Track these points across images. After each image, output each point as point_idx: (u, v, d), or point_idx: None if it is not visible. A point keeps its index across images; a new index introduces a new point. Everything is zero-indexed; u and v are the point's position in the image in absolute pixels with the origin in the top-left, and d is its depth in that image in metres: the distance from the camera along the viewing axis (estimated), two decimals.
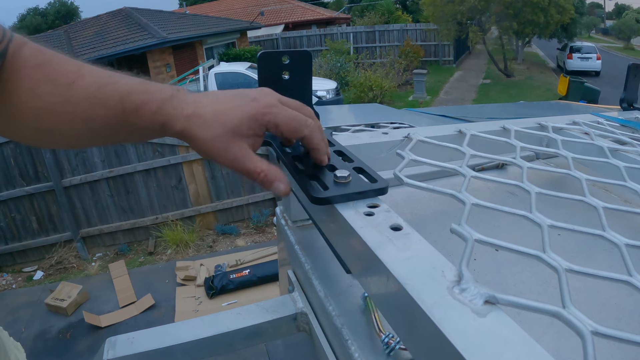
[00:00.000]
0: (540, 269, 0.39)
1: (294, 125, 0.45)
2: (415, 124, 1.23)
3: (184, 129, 0.43)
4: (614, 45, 34.43)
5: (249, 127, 0.44)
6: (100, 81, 0.44)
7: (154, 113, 0.43)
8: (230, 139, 0.43)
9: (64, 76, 0.43)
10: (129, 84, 0.44)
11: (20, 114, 0.43)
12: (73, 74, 0.44)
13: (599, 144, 0.67)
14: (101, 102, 0.43)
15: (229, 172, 5.40)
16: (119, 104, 0.43)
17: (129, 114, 0.43)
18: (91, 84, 0.44)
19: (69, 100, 0.43)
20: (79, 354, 3.65)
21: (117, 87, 0.44)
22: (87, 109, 0.43)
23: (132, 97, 0.43)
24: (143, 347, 0.51)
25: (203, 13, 18.69)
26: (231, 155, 0.43)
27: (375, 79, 10.96)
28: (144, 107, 0.43)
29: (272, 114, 0.44)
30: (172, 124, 0.43)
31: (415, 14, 24.35)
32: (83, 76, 0.44)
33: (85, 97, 0.43)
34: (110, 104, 0.43)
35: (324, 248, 0.53)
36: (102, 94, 0.43)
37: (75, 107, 0.43)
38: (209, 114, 0.43)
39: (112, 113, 0.43)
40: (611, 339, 0.26)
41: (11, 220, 5.10)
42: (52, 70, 0.44)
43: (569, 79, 10.59)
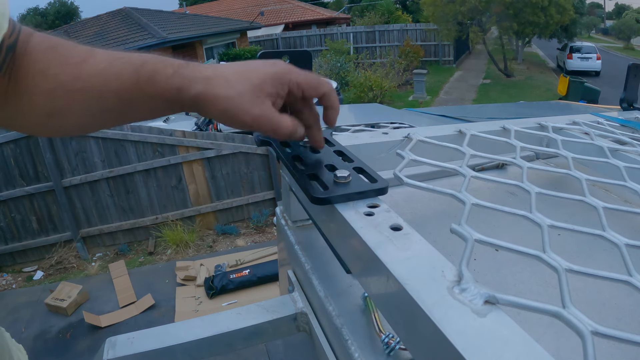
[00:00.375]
0: (540, 269, 0.39)
1: (315, 83, 0.47)
2: (415, 124, 1.23)
3: (203, 91, 0.42)
4: (614, 45, 34.42)
5: (273, 85, 0.44)
6: (112, 56, 0.44)
7: (169, 77, 0.42)
8: (256, 96, 0.43)
9: (75, 55, 0.43)
10: (143, 56, 0.44)
11: (33, 99, 0.43)
12: (84, 53, 0.43)
13: (599, 144, 0.67)
14: (114, 74, 0.42)
15: (229, 172, 5.40)
16: (134, 75, 0.42)
17: (143, 84, 0.42)
18: (103, 60, 0.43)
19: (81, 77, 0.42)
20: (79, 354, 3.65)
21: (131, 59, 0.43)
22: (100, 83, 0.42)
23: (147, 66, 0.43)
24: (143, 347, 0.51)
25: (203, 13, 18.69)
26: (256, 112, 0.43)
27: (375, 79, 10.96)
28: (159, 74, 0.42)
29: (293, 73, 0.46)
30: (188, 87, 0.42)
31: (415, 14, 24.35)
32: (95, 55, 0.43)
33: (98, 72, 0.42)
34: (124, 76, 0.42)
35: (324, 248, 0.53)
36: (115, 67, 0.43)
37: (88, 83, 0.42)
38: (230, 74, 0.43)
39: (125, 85, 0.42)
40: (611, 339, 0.26)
41: (11, 220, 5.10)
42: (62, 51, 0.43)
43: (569, 79, 10.59)
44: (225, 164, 5.35)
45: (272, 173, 5.46)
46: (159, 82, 0.42)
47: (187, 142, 5.13)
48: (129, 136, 4.99)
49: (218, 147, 5.20)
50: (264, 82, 0.44)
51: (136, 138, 5.01)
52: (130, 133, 4.99)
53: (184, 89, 0.42)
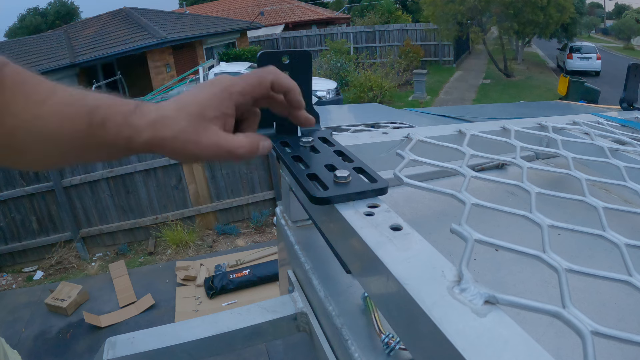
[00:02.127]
0: (540, 269, 0.39)
1: (255, 79, 0.45)
2: (415, 124, 1.23)
3: (151, 137, 0.42)
4: (614, 45, 34.43)
5: (213, 108, 0.43)
6: (69, 98, 0.44)
7: (119, 126, 0.43)
8: (198, 127, 0.42)
9: (37, 94, 0.44)
10: (96, 98, 0.45)
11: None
12: (45, 92, 0.44)
13: (599, 144, 0.67)
14: (69, 117, 0.43)
15: (229, 172, 5.40)
16: (86, 118, 0.43)
17: (95, 129, 0.43)
18: (61, 101, 0.44)
19: (40, 117, 0.43)
20: (79, 354, 3.65)
21: (85, 102, 0.44)
22: (56, 124, 0.43)
23: (99, 110, 0.43)
24: (143, 347, 0.51)
25: (203, 13, 18.70)
26: (205, 142, 0.42)
27: (375, 79, 10.96)
28: (110, 121, 0.43)
29: (231, 85, 0.44)
30: (137, 136, 0.43)
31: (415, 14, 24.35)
32: (55, 94, 0.44)
33: (55, 112, 0.43)
34: (78, 120, 0.43)
35: (324, 248, 0.53)
36: (71, 110, 0.44)
37: (45, 123, 0.43)
38: (171, 111, 0.43)
39: (80, 128, 0.43)
40: (611, 339, 0.26)
41: (11, 220, 5.10)
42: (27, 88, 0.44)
43: (569, 79, 10.59)
44: (225, 164, 5.35)
45: (272, 173, 5.46)
46: (110, 130, 0.43)
47: None
48: None
49: None
50: (203, 108, 0.43)
51: None
52: None
53: (133, 138, 0.43)
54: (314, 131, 0.59)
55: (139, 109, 0.44)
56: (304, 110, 0.49)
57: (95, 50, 11.13)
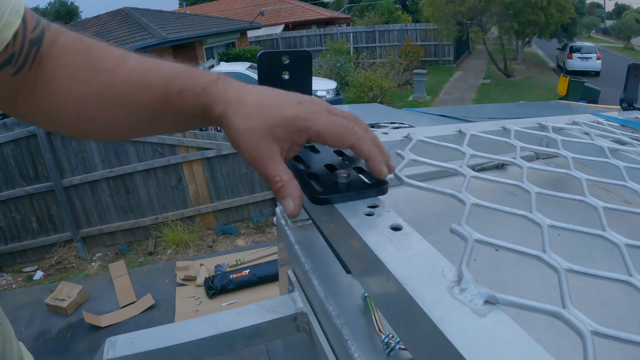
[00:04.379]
0: (540, 269, 0.39)
1: (339, 132, 0.41)
2: (415, 124, 1.23)
3: (223, 114, 0.41)
4: (614, 45, 34.44)
5: (286, 130, 0.40)
6: (144, 65, 0.43)
7: (198, 95, 0.42)
8: (264, 137, 0.40)
9: (106, 61, 0.43)
10: (174, 68, 0.43)
11: (62, 101, 0.43)
12: (116, 59, 0.43)
13: (599, 144, 0.67)
14: (144, 84, 0.42)
15: (229, 172, 5.40)
16: (163, 87, 0.42)
17: (172, 97, 0.42)
18: (134, 68, 0.43)
19: (112, 84, 0.42)
20: (79, 354, 3.65)
21: (162, 70, 0.43)
22: (130, 92, 0.42)
23: (177, 80, 0.42)
24: (143, 347, 0.51)
25: (203, 13, 18.69)
26: (257, 153, 0.40)
27: (375, 79, 10.96)
28: (188, 90, 0.42)
29: (312, 120, 0.41)
30: (213, 107, 0.41)
31: (415, 14, 24.35)
32: (126, 61, 0.43)
33: (128, 80, 0.42)
34: (154, 87, 0.42)
35: (324, 248, 0.53)
36: (146, 77, 0.42)
37: (118, 91, 0.42)
38: (251, 103, 0.41)
39: (155, 96, 0.42)
40: (611, 339, 0.26)
41: (11, 220, 5.10)
42: (93, 56, 0.43)
43: (569, 79, 10.59)
44: (225, 164, 5.35)
45: None
46: (187, 99, 0.42)
47: (187, 142, 5.13)
48: None
49: (218, 147, 5.20)
50: (276, 124, 0.40)
51: (136, 138, 5.01)
52: None
53: (209, 108, 0.42)
54: None
55: (221, 81, 0.42)
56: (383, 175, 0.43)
57: None
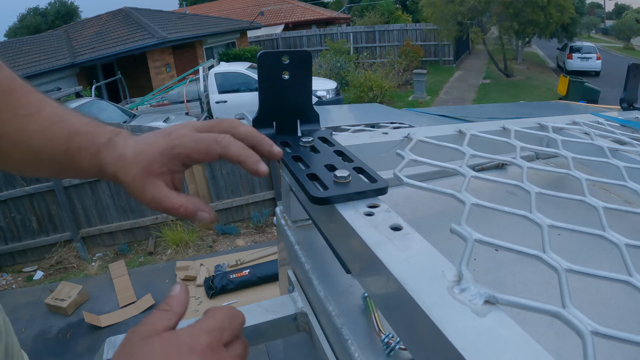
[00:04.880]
0: (540, 269, 0.39)
1: (203, 147, 0.43)
2: (415, 124, 1.23)
3: (114, 173, 0.44)
4: (614, 45, 34.42)
5: (162, 164, 0.43)
6: (54, 117, 0.46)
7: (92, 156, 0.45)
8: (146, 179, 0.43)
9: (25, 107, 0.46)
10: (77, 124, 0.46)
11: None
12: (33, 107, 0.46)
13: (599, 144, 0.67)
14: (50, 138, 0.45)
15: (229, 172, 5.40)
16: (65, 143, 0.45)
17: (72, 154, 0.45)
18: (47, 118, 0.46)
19: (24, 131, 0.45)
20: (79, 354, 3.65)
21: (67, 125, 0.46)
22: (38, 142, 0.46)
23: (77, 137, 0.45)
24: None
25: (203, 13, 18.69)
26: (148, 196, 0.43)
27: (375, 79, 10.95)
28: (85, 149, 0.45)
29: (178, 145, 0.44)
30: (105, 168, 0.45)
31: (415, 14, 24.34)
32: (41, 111, 0.46)
33: (38, 130, 0.46)
34: (58, 142, 0.45)
35: (324, 248, 0.53)
36: (53, 130, 0.46)
37: (29, 138, 0.46)
38: (129, 155, 0.44)
39: (59, 150, 0.45)
40: (611, 339, 0.26)
41: (11, 220, 5.09)
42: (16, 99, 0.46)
43: (569, 79, 10.59)
44: (225, 164, 5.35)
45: (272, 173, 5.46)
46: (84, 158, 0.45)
47: None
48: None
49: None
50: (152, 162, 0.43)
51: None
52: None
53: (103, 168, 0.45)
54: (314, 131, 0.59)
55: (110, 142, 0.46)
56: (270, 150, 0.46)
57: (95, 50, 11.12)
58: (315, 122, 0.60)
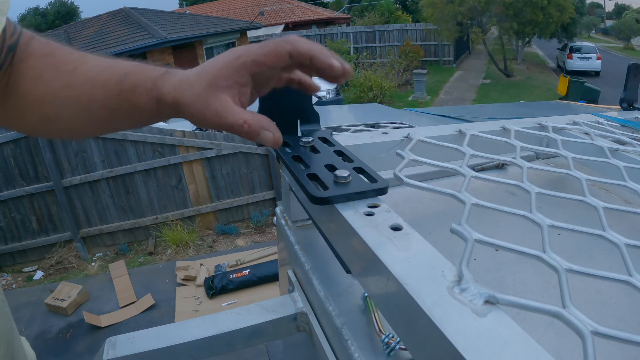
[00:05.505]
0: (540, 269, 0.39)
1: (271, 49, 0.42)
2: (415, 124, 1.23)
3: (174, 99, 0.43)
4: (614, 45, 34.42)
5: (227, 77, 0.42)
6: (101, 65, 0.46)
7: (149, 90, 0.44)
8: (210, 95, 0.42)
9: (67, 63, 0.46)
10: (127, 66, 0.46)
11: (27, 102, 0.46)
12: (76, 62, 0.46)
13: (599, 144, 0.67)
14: (101, 84, 0.45)
15: (229, 172, 5.40)
16: (118, 85, 0.44)
17: (126, 94, 0.44)
18: (92, 68, 0.46)
19: (71, 84, 0.45)
20: (79, 354, 3.65)
21: (116, 69, 0.45)
22: (88, 92, 0.45)
23: (129, 77, 0.44)
24: (143, 347, 0.51)
25: (203, 13, 18.69)
26: (212, 111, 0.41)
27: (375, 79, 10.96)
28: (140, 86, 0.44)
29: (245, 54, 0.42)
30: (164, 98, 0.43)
31: (415, 14, 24.33)
32: (86, 62, 0.46)
33: (86, 80, 0.45)
34: (109, 86, 0.45)
35: (324, 248, 0.53)
36: (102, 77, 0.45)
37: (77, 91, 0.45)
38: (192, 76, 0.43)
39: (111, 94, 0.45)
40: (611, 339, 0.26)
41: (11, 220, 5.09)
42: (56, 59, 0.46)
43: (569, 79, 10.58)
44: (225, 164, 5.35)
45: (272, 173, 5.46)
46: (140, 95, 0.44)
47: (187, 142, 5.13)
48: (129, 136, 4.99)
49: (218, 147, 5.20)
50: (216, 77, 0.42)
51: (136, 138, 5.01)
52: (130, 133, 4.98)
53: (162, 100, 0.44)
54: (314, 131, 0.59)
55: (167, 73, 0.44)
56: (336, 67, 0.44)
57: (95, 50, 11.12)
58: (315, 122, 0.60)
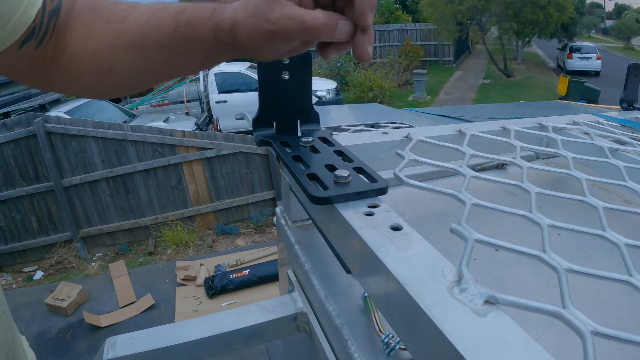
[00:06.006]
0: (540, 269, 0.39)
1: None
2: (415, 124, 1.23)
3: (233, 20, 0.41)
4: (614, 45, 34.43)
5: None
6: (153, 9, 0.45)
7: (206, 20, 0.43)
8: (272, 2, 0.40)
9: (116, 14, 0.46)
10: (182, 4, 0.45)
11: (79, 60, 0.46)
12: (125, 11, 0.46)
13: (599, 144, 0.67)
14: (155, 25, 0.44)
15: (229, 172, 5.40)
16: (173, 22, 0.44)
17: (183, 29, 0.43)
18: (144, 13, 0.45)
19: (123, 33, 0.45)
20: (79, 354, 3.65)
21: (170, 9, 0.45)
22: (142, 35, 0.44)
23: (185, 13, 0.44)
24: (143, 347, 0.51)
25: None
26: (276, 15, 0.39)
27: (375, 79, 10.95)
28: (197, 18, 0.43)
29: None
30: (223, 24, 0.42)
31: (415, 14, 24.34)
32: (136, 10, 0.46)
33: (139, 25, 0.45)
34: (164, 24, 0.44)
35: (324, 248, 0.53)
36: (156, 19, 0.45)
37: (130, 37, 0.44)
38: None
39: (167, 32, 0.44)
40: (611, 339, 0.26)
41: (11, 220, 5.09)
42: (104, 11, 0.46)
43: (569, 79, 10.58)
44: (225, 164, 5.35)
45: (272, 173, 5.46)
46: (198, 27, 0.43)
47: (187, 142, 5.13)
48: (129, 136, 4.99)
49: (218, 147, 5.20)
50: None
51: (136, 138, 5.01)
52: (130, 133, 4.98)
53: (220, 26, 0.42)
54: (314, 131, 0.59)
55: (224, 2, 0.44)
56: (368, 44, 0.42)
57: None
58: (315, 122, 0.60)
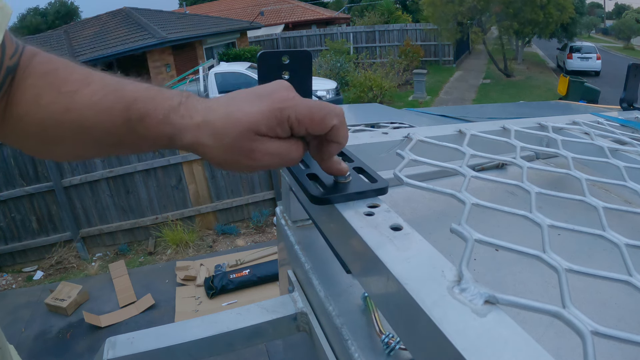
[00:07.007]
0: (540, 269, 0.39)
1: (320, 117, 0.39)
2: (415, 124, 1.23)
3: (194, 142, 0.40)
4: (614, 45, 34.42)
5: (268, 127, 0.39)
6: (106, 89, 0.42)
7: (159, 122, 0.40)
8: (253, 139, 0.39)
9: (69, 84, 0.42)
10: (136, 90, 0.42)
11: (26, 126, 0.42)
12: (79, 82, 0.42)
13: (599, 144, 0.67)
14: (106, 110, 0.41)
15: (229, 172, 5.39)
16: (124, 113, 0.40)
17: (134, 123, 0.40)
18: (97, 91, 0.41)
19: (72, 109, 0.41)
20: (79, 354, 3.65)
21: (123, 94, 0.41)
22: (91, 117, 0.41)
23: (138, 104, 0.40)
24: (143, 347, 0.51)
25: (203, 13, 18.69)
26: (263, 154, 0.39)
27: (375, 79, 10.95)
28: (150, 116, 0.40)
29: (290, 108, 0.39)
30: (179, 136, 0.40)
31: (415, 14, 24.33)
32: (89, 84, 0.42)
33: (90, 105, 0.41)
34: (115, 112, 0.40)
35: (324, 248, 0.53)
36: (108, 102, 0.41)
37: (79, 116, 0.41)
38: (219, 120, 0.39)
39: (117, 121, 0.41)
40: (611, 339, 0.26)
41: (11, 220, 5.09)
42: (57, 78, 0.42)
43: (569, 79, 10.58)
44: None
45: (272, 173, 5.46)
46: (150, 126, 0.40)
47: None
48: None
49: None
50: (257, 123, 0.38)
51: None
52: None
53: (175, 138, 0.40)
54: None
55: (183, 106, 0.40)
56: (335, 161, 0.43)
57: (95, 50, 11.12)
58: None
